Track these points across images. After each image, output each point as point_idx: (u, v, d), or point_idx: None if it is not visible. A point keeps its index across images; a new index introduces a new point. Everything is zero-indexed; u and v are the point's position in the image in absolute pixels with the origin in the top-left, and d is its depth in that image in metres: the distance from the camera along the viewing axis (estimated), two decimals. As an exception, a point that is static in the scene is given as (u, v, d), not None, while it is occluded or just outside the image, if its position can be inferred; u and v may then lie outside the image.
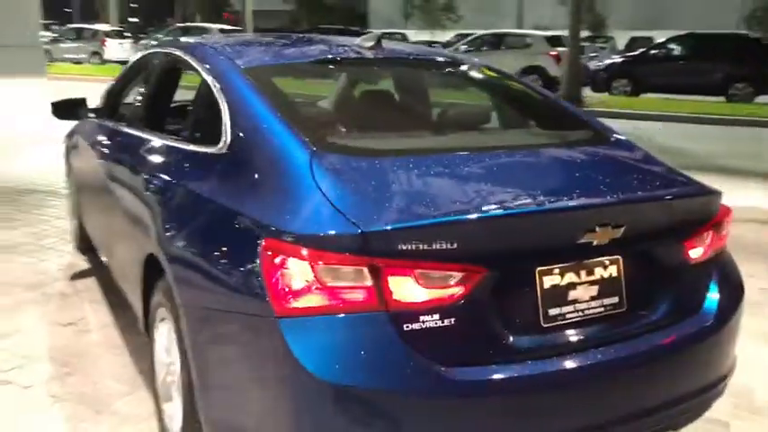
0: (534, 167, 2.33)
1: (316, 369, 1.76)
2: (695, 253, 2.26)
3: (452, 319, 1.83)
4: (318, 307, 1.78)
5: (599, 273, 2.07)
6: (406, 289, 1.80)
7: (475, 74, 3.24)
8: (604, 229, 1.97)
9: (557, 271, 1.99)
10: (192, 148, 2.60)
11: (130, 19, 52.54)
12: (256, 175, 2.15)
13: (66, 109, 3.99)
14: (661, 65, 18.05)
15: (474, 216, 1.86)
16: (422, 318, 1.81)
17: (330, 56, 2.92)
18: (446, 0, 40.80)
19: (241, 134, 2.30)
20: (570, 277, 2.02)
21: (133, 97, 3.88)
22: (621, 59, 19.51)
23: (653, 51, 18.75)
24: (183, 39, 3.56)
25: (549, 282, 1.98)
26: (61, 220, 5.56)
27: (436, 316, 1.82)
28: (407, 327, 1.80)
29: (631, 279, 2.12)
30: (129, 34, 31.13)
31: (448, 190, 2.06)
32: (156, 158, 2.85)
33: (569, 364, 1.97)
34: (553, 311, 1.99)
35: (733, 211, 2.50)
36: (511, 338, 1.92)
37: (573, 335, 2.03)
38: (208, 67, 2.72)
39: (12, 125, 9.09)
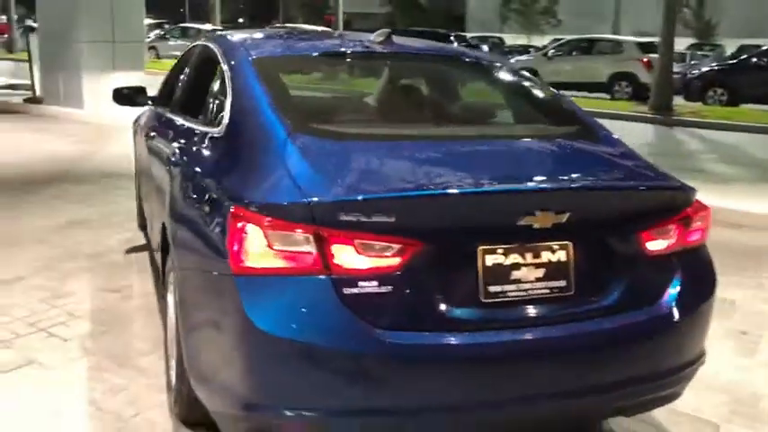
0: (493, 155, 2.46)
1: (261, 322, 1.97)
2: (655, 245, 2.32)
3: (389, 287, 2.01)
4: (268, 268, 2.00)
5: (546, 256, 2.17)
6: (347, 256, 1.99)
7: (479, 70, 3.37)
8: (545, 214, 2.08)
9: (500, 251, 2.12)
10: (203, 129, 2.88)
11: (239, 20, 54.77)
12: (242, 153, 2.39)
13: (125, 96, 4.38)
14: (762, 74, 17.19)
15: (411, 194, 2.03)
16: (361, 283, 1.99)
17: (338, 49, 3.14)
18: (546, 3, 40.26)
19: (236, 117, 2.55)
20: (514, 258, 2.14)
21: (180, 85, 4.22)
22: (718, 67, 18.71)
23: (753, 59, 17.90)
24: (220, 32, 3.85)
25: (491, 260, 2.11)
26: (131, 201, 6.04)
27: (374, 283, 2.00)
28: (347, 291, 1.98)
29: (582, 265, 2.21)
30: None
31: (399, 171, 2.23)
32: (179, 140, 3.16)
33: (506, 338, 2.10)
34: (494, 288, 2.12)
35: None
36: (448, 309, 2.07)
37: (513, 312, 2.15)
38: (226, 56, 3.00)
39: (109, 113, 9.82)
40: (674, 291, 2.36)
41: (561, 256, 2.19)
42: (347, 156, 2.25)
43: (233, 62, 2.89)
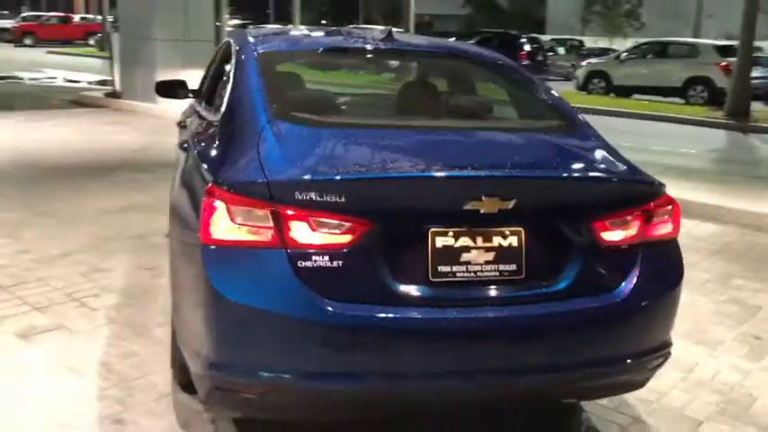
0: (455, 144, 2.58)
1: (223, 289, 2.18)
2: (611, 235, 2.39)
3: (340, 262, 2.17)
4: (231, 240, 2.20)
5: (498, 241, 2.29)
6: (301, 232, 2.16)
7: (472, 65, 3.47)
8: (491, 200, 2.20)
9: (450, 233, 2.25)
10: (209, 117, 3.12)
11: (322, 22, 55.82)
12: (229, 137, 2.60)
13: (166, 89, 4.69)
14: None
15: (361, 176, 2.19)
16: (313, 258, 2.17)
17: (340, 45, 3.32)
18: (629, 6, 39.23)
19: (230, 105, 2.77)
20: (465, 241, 2.26)
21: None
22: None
23: None
24: (244, 29, 4.08)
25: (441, 242, 2.25)
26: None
27: (326, 258, 2.17)
28: (300, 264, 2.16)
29: (534, 250, 2.32)
30: None
31: (359, 155, 2.39)
32: (193, 127, 3.41)
33: (452, 316, 2.23)
34: (443, 269, 2.25)
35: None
36: (396, 286, 2.21)
37: (461, 292, 2.27)
38: (237, 51, 3.23)
39: (178, 108, 10.34)
40: (631, 281, 2.42)
41: (513, 241, 2.30)
42: (316, 141, 2.43)
43: (241, 56, 3.11)
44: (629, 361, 2.45)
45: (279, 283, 2.17)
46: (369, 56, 3.44)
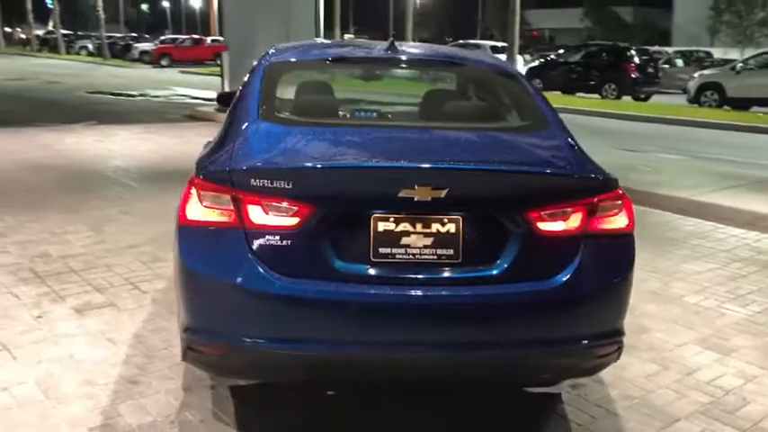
0: (406, 141, 2.80)
1: (191, 263, 2.54)
2: (550, 226, 2.54)
3: (289, 242, 2.47)
4: (200, 221, 2.56)
5: (436, 227, 2.51)
6: (256, 215, 2.48)
7: (466, 71, 3.68)
8: (424, 188, 2.42)
9: (392, 219, 2.49)
10: (225, 119, 3.52)
11: (447, 39, 56.58)
12: (222, 136, 2.98)
13: (225, 100, 5.19)
14: None
15: (307, 166, 2.49)
16: (266, 237, 2.48)
17: (344, 55, 3.63)
18: (763, 14, 36.99)
19: (234, 108, 3.14)
20: (405, 226, 2.50)
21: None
22: None
23: None
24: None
25: (383, 226, 2.49)
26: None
27: (277, 237, 2.48)
28: (255, 242, 2.48)
29: (471, 237, 2.51)
30: None
31: (315, 149, 2.69)
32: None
33: (390, 293, 2.47)
34: (384, 250, 2.50)
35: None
36: (340, 264, 2.48)
37: (400, 272, 2.50)
38: (256, 62, 3.62)
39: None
40: (569, 270, 2.55)
41: (451, 228, 2.51)
42: (285, 137, 2.75)
43: (255, 65, 3.50)
44: (567, 346, 2.57)
45: (237, 259, 2.50)
46: (370, 64, 3.73)
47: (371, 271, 2.50)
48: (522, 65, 24.00)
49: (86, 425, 2.86)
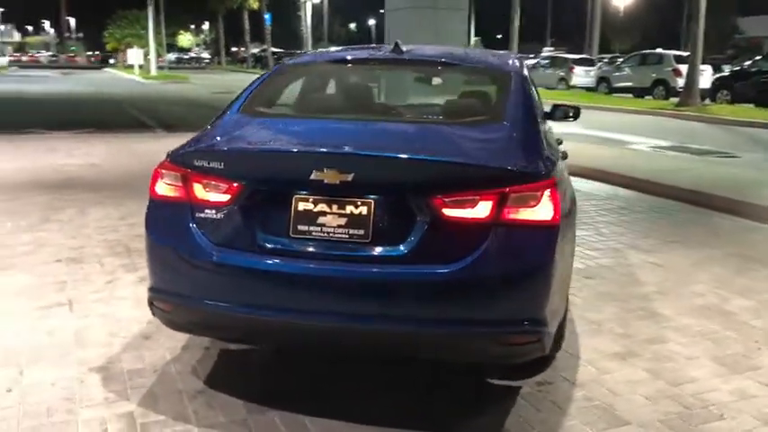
0: (342, 132, 3.04)
1: (149, 230, 3.00)
2: (456, 213, 2.65)
3: (222, 215, 2.83)
4: (161, 195, 2.99)
5: (350, 209, 2.72)
6: (198, 191, 2.87)
7: (467, 71, 3.77)
8: (331, 171, 2.66)
9: (311, 200, 2.75)
10: None
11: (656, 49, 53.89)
12: (208, 125, 3.40)
13: None
14: None
15: (237, 149, 2.84)
16: (206, 211, 2.85)
17: (352, 57, 3.91)
18: None
19: (235, 102, 3.56)
20: (322, 207, 2.74)
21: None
22: None
23: None
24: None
25: (302, 206, 2.76)
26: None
27: (213, 211, 2.84)
28: (197, 215, 2.87)
29: (381, 219, 2.70)
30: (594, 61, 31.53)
31: (258, 136, 3.02)
32: None
33: (305, 265, 2.73)
34: (301, 227, 2.76)
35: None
36: (264, 238, 2.78)
37: (314, 247, 2.75)
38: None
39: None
40: (474, 255, 2.63)
41: (363, 210, 2.72)
42: (245, 126, 3.11)
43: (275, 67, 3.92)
44: (466, 328, 2.65)
45: (183, 229, 2.89)
46: (374, 65, 3.97)
47: (289, 245, 2.77)
48: (709, 75, 22.30)
49: (90, 364, 3.42)
